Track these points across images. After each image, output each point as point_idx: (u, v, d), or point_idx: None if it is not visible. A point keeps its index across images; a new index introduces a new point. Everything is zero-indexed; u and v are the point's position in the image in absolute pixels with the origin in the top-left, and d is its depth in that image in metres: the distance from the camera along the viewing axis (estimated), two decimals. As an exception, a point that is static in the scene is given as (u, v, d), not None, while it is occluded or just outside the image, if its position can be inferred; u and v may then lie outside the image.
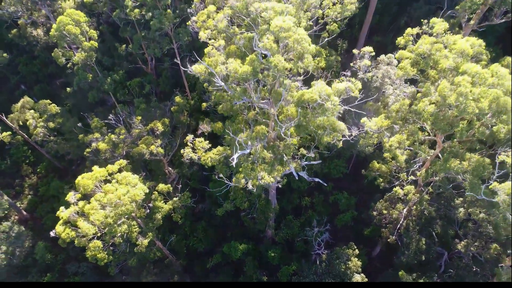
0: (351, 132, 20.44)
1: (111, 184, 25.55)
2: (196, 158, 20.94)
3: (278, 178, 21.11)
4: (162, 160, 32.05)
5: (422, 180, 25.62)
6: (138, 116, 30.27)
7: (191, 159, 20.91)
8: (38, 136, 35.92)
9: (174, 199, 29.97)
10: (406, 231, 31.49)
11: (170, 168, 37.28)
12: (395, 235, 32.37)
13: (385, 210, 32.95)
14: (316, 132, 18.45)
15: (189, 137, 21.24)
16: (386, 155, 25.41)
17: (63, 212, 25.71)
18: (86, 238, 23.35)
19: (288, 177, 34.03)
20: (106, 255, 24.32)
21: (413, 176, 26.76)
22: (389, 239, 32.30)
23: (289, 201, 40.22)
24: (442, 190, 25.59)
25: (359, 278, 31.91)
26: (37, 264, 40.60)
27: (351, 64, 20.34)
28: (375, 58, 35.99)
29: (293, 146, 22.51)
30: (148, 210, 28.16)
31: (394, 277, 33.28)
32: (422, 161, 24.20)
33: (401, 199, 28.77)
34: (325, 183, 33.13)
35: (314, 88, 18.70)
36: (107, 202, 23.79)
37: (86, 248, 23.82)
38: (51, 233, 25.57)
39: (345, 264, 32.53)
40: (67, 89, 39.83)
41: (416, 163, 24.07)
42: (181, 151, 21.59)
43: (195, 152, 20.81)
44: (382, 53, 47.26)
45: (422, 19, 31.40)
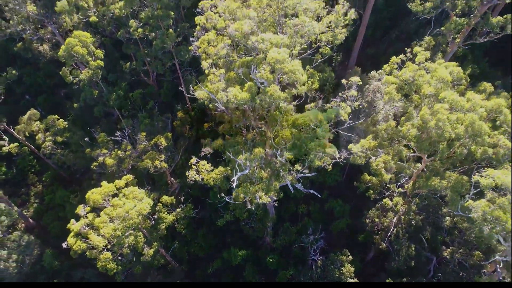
0: (341, 155, 22.27)
1: (119, 198, 27.33)
2: (200, 180, 22.74)
3: (274, 198, 22.91)
4: (165, 172, 33.83)
5: (409, 192, 27.48)
6: (143, 132, 32.06)
7: (195, 180, 22.72)
8: (46, 150, 37.63)
9: (178, 210, 31.77)
10: (396, 239, 33.34)
11: (173, 179, 39.05)
12: (386, 242, 34.22)
13: (377, 218, 34.77)
14: (309, 154, 20.28)
15: (193, 160, 23.05)
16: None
17: (74, 225, 27.48)
18: (97, 250, 25.10)
19: (285, 186, 35.93)
20: (115, 265, 26.06)
21: (401, 189, 28.62)
22: (381, 246, 34.15)
23: (286, 209, 42.04)
24: (428, 202, 27.42)
25: (352, 283, 33.77)
26: (45, 271, 42.28)
27: (340, 94, 22.13)
28: (367, 74, 38.01)
29: (289, 163, 24.34)
30: (153, 222, 29.92)
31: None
32: (409, 175, 26.05)
33: (391, 209, 30.63)
34: (321, 192, 34.91)
35: (307, 113, 20.52)
36: (116, 216, 25.55)
37: (97, 259, 25.55)
38: (63, 245, 27.28)
39: (339, 270, 34.39)
40: (74, 105, 41.44)
41: (403, 178, 25.91)
42: (186, 173, 23.37)
43: (199, 174, 22.61)
44: (376, 64, 49.39)
45: (412, 35, 33.00)
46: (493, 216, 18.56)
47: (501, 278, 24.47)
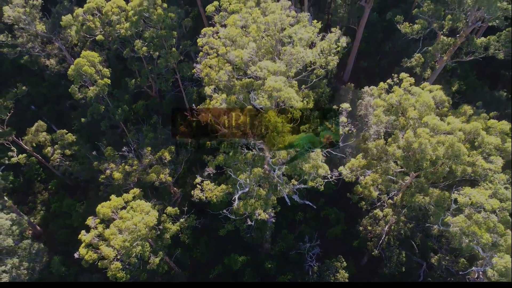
0: (333, 175, 24.24)
1: (127, 211, 29.24)
2: (204, 198, 24.67)
3: (272, 214, 24.91)
4: (169, 183, 35.75)
5: (398, 204, 29.48)
6: (148, 148, 33.98)
7: (200, 199, 24.64)
8: (55, 162, 39.47)
9: (181, 220, 33.67)
10: (388, 246, 35.35)
11: (175, 188, 40.94)
12: (379, 249, 36.21)
13: (370, 227, 36.77)
14: (303, 174, 22.24)
15: (198, 180, 24.95)
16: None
17: (85, 236, 29.36)
18: (108, 260, 26.98)
19: (283, 197, 37.99)
20: (124, 274, 27.95)
21: (391, 200, 30.60)
22: (373, 253, 36.14)
23: (284, 216, 43.94)
24: (415, 214, 29.40)
25: (347, 289, 35.74)
26: (53, 277, 44.08)
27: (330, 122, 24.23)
28: (360, 89, 39.97)
29: (286, 178, 26.28)
30: (158, 232, 31.80)
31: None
32: (398, 189, 28.04)
33: (382, 219, 32.59)
34: (317, 200, 36.86)
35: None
36: (125, 228, 27.44)
37: (108, 269, 27.42)
38: (75, 255, 29.15)
39: (334, 276, 36.35)
40: (82, 119, 43.30)
41: (392, 191, 27.89)
42: (192, 192, 25.30)
43: (203, 192, 24.53)
44: (369, 75, 51.38)
45: (404, 49, 34.73)
46: (470, 231, 20.51)
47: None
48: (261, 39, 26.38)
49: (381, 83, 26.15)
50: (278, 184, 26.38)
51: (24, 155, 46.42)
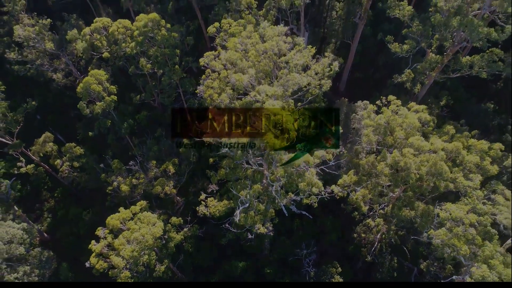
0: (326, 191, 26.30)
1: (134, 222, 31.20)
2: (208, 214, 26.71)
3: (271, 228, 26.98)
4: (173, 194, 37.76)
5: (388, 214, 31.54)
6: (153, 161, 36.01)
7: (204, 214, 26.70)
8: (64, 174, 41.44)
9: (185, 230, 35.65)
10: (380, 253, 37.44)
11: (178, 198, 42.91)
12: (372, 255, 38.26)
13: (363, 234, 38.86)
14: (300, 190, 24.28)
15: (202, 196, 26.97)
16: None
17: (95, 246, 31.32)
18: (118, 270, 28.95)
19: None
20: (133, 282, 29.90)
21: (382, 211, 32.65)
22: (367, 259, 38.20)
23: (282, 224, 45.86)
24: (404, 225, 31.46)
25: (341, 293, 37.79)
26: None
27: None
28: (355, 102, 42.03)
29: (283, 191, 28.32)
30: (164, 241, 33.78)
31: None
32: (387, 201, 30.10)
33: (374, 228, 34.64)
34: (312, 210, 38.71)
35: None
36: (133, 239, 29.40)
37: (117, 277, 29.39)
38: (86, 264, 31.09)
39: (330, 281, 38.38)
40: (89, 133, 45.28)
41: (382, 204, 29.96)
42: (196, 208, 27.36)
43: (207, 208, 26.59)
44: (364, 87, 53.43)
45: (397, 63, 36.55)
46: (450, 243, 22.53)
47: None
48: (260, 63, 28.39)
49: (370, 105, 28.22)
50: (276, 197, 28.41)
51: (33, 165, 48.32)
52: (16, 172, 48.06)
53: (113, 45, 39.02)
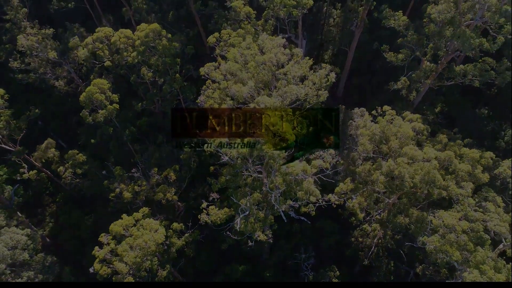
0: (324, 199, 27.17)
1: (137, 228, 32.00)
2: (210, 222, 27.57)
3: (270, 235, 27.85)
4: (174, 201, 38.55)
5: (384, 220, 32.40)
6: (155, 168, 36.83)
7: (206, 222, 27.58)
8: (67, 180, 42.24)
9: (186, 235, 36.44)
10: (377, 256, 38.31)
11: (179, 203, 43.71)
12: (369, 259, 39.12)
13: (361, 238, 39.72)
14: (298, 198, 25.16)
15: (204, 204, 27.85)
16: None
17: (99, 252, 32.10)
18: (121, 276, 29.72)
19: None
20: (136, 287, 30.69)
21: (378, 216, 33.52)
22: (364, 263, 39.07)
23: (281, 228, 46.69)
24: (399, 230, 32.34)
25: (339, 296, 38.65)
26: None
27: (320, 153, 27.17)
28: (351, 109, 42.93)
29: (282, 198, 29.20)
30: (166, 247, 34.57)
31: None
32: (383, 207, 30.98)
33: (371, 233, 35.50)
34: (311, 215, 39.67)
35: (296, 165, 25.36)
36: (136, 245, 30.21)
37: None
38: (90, 269, 31.86)
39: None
40: (92, 140, 46.06)
41: (378, 210, 30.84)
42: (198, 216, 28.20)
43: (208, 216, 27.47)
44: (361, 93, 54.35)
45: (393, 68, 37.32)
46: (443, 249, 23.39)
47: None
48: (259, 74, 29.26)
49: (366, 115, 29.12)
50: (275, 205, 29.26)
51: (35, 171, 49.06)
52: (19, 178, 48.79)
53: (115, 54, 39.83)
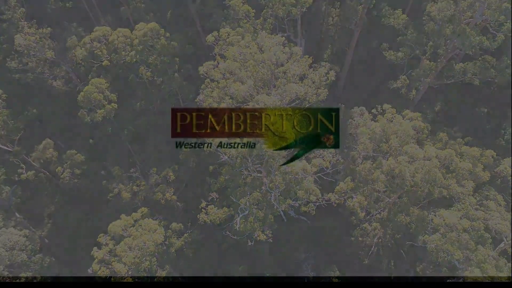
0: (324, 199, 27.00)
1: (135, 228, 31.78)
2: (209, 221, 27.34)
3: (270, 235, 27.69)
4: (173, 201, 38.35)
5: (385, 219, 32.23)
6: (154, 168, 36.59)
7: (205, 221, 27.36)
8: (65, 180, 41.97)
9: (185, 235, 36.24)
10: (377, 256, 38.10)
11: (178, 203, 43.47)
12: (369, 259, 38.94)
13: (361, 237, 39.52)
14: (297, 198, 24.97)
15: (203, 204, 27.64)
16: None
17: (97, 252, 31.86)
18: (120, 276, 29.50)
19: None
20: None
21: (379, 215, 33.34)
22: (364, 262, 38.88)
23: (281, 228, 46.36)
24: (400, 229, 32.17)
25: (339, 296, 38.49)
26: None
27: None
28: (351, 108, 42.75)
29: (282, 198, 29.02)
30: (165, 247, 34.35)
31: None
32: (384, 207, 30.81)
33: (371, 232, 35.31)
34: (311, 214, 39.55)
35: (295, 165, 25.16)
36: (135, 246, 29.97)
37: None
38: (89, 270, 31.62)
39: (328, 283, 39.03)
40: (90, 140, 45.84)
41: (379, 209, 30.68)
42: (198, 216, 27.99)
43: (208, 215, 27.24)
44: (361, 91, 54.09)
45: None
46: (444, 248, 23.23)
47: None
48: (258, 72, 29.06)
49: (366, 114, 28.92)
50: (275, 204, 29.07)
51: (33, 172, 48.77)
52: (17, 179, 48.50)
53: (113, 54, 39.56)
